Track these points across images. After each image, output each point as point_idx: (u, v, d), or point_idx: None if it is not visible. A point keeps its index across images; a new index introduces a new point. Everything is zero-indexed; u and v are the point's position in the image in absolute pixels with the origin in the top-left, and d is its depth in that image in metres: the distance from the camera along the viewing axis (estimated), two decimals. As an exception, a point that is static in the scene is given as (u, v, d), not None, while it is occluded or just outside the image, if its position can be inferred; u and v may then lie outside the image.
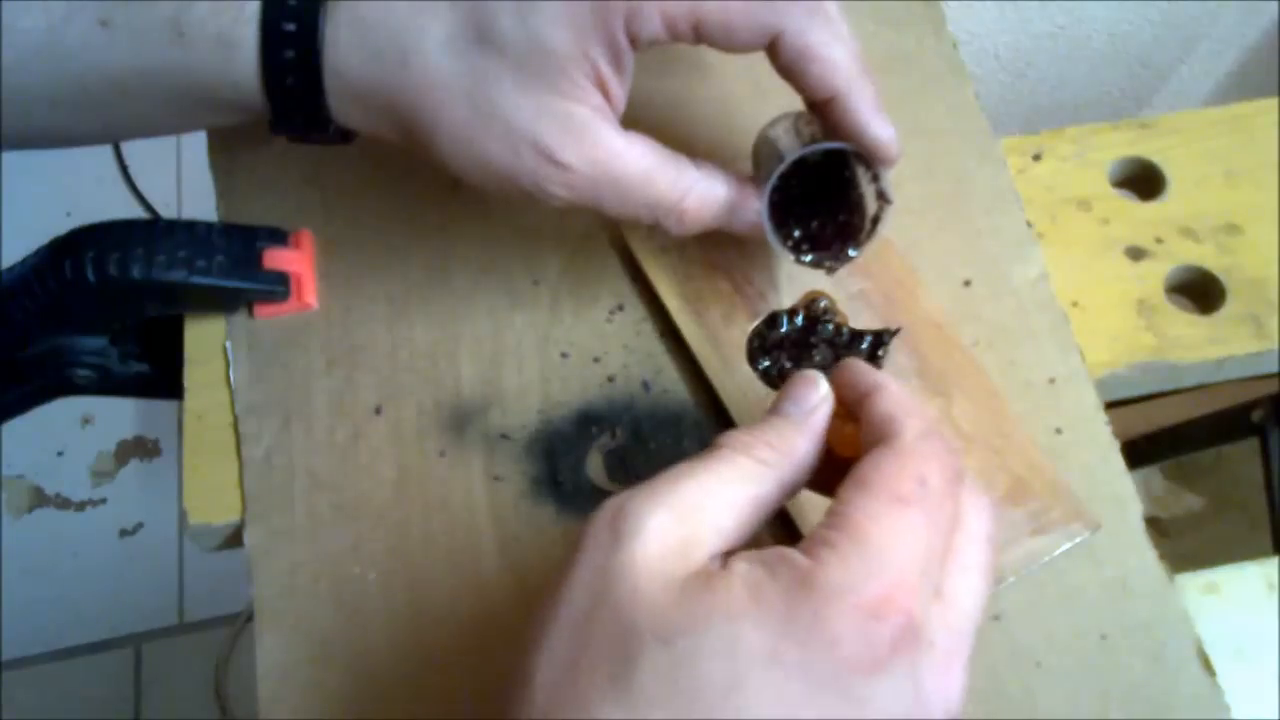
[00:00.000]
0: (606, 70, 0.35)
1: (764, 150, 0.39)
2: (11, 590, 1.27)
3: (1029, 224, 0.45)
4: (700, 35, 0.35)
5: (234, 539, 0.41)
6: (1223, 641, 0.40)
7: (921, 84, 0.49)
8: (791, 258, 0.39)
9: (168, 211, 1.49)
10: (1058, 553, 0.38)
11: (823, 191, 0.40)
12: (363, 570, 0.39)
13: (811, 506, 0.37)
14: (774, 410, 0.31)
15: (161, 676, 1.25)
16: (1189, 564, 0.42)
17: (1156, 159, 0.48)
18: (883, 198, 0.38)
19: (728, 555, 0.27)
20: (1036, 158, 0.49)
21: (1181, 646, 0.37)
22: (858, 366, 0.32)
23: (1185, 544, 0.94)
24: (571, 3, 0.34)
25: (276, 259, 0.44)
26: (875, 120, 0.36)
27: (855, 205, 0.40)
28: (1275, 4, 1.03)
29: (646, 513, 0.27)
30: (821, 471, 0.31)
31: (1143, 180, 0.49)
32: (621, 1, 0.33)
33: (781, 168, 0.36)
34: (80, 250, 0.40)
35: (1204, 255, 0.46)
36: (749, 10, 0.34)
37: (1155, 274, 0.46)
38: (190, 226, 0.42)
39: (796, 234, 0.39)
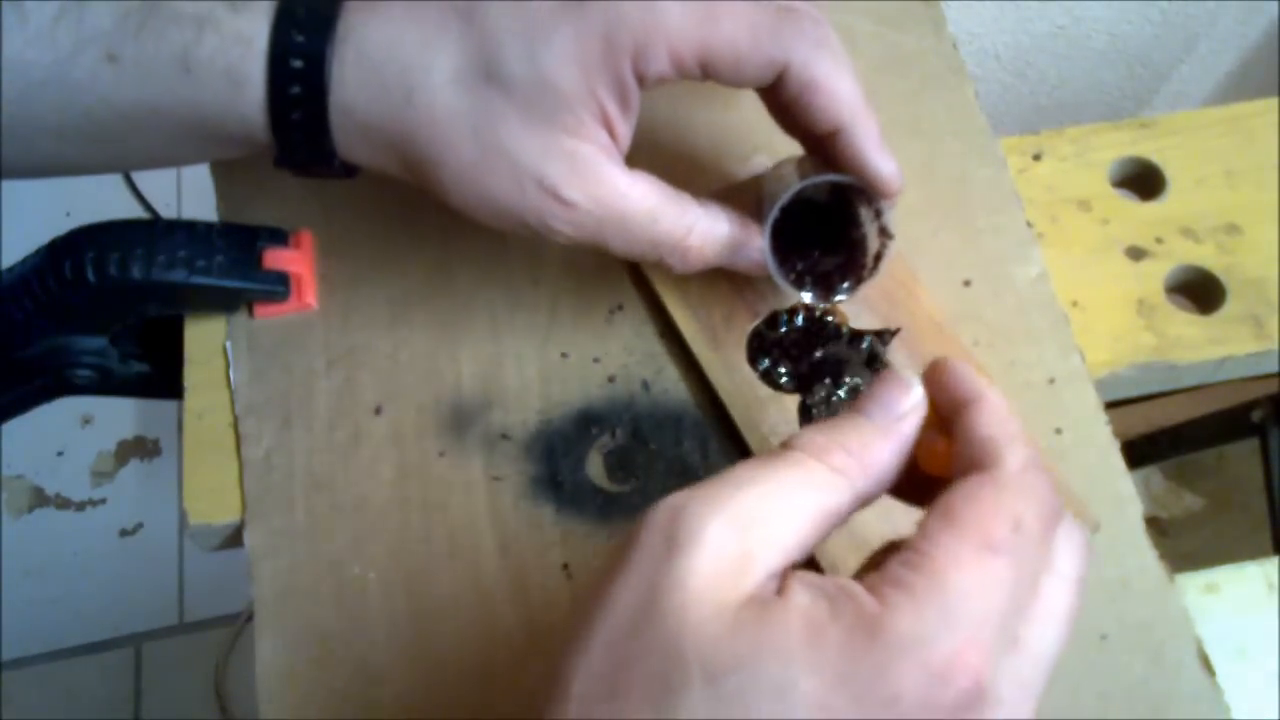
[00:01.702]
0: (613, 108, 0.35)
1: (768, 189, 0.39)
2: (11, 590, 1.27)
3: (1029, 224, 0.45)
4: (708, 72, 0.34)
5: (234, 539, 0.41)
6: (1223, 641, 0.40)
7: (921, 84, 0.49)
8: (794, 293, 0.39)
9: (168, 211, 1.50)
10: (1058, 553, 0.38)
11: (825, 232, 0.40)
12: (363, 570, 0.39)
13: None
14: (858, 410, 0.28)
15: (161, 676, 1.25)
16: (1189, 564, 0.42)
17: (1156, 159, 0.48)
18: (885, 233, 0.38)
19: (788, 572, 0.25)
20: (1036, 158, 0.49)
21: (1181, 646, 0.37)
22: (958, 369, 0.28)
23: (1185, 544, 0.94)
24: (579, 41, 0.33)
25: (276, 259, 0.44)
26: (878, 153, 0.36)
27: (858, 243, 0.40)
28: (1275, 4, 1.03)
29: (705, 522, 0.25)
30: (904, 486, 0.28)
31: (1143, 180, 0.49)
32: (629, 40, 0.33)
33: (784, 199, 0.36)
34: (80, 250, 0.40)
35: (1204, 255, 0.46)
36: (756, 45, 0.34)
37: (1155, 274, 0.46)
38: (190, 226, 0.42)
39: (799, 266, 0.40)
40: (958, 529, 0.24)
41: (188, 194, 1.51)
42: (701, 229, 0.37)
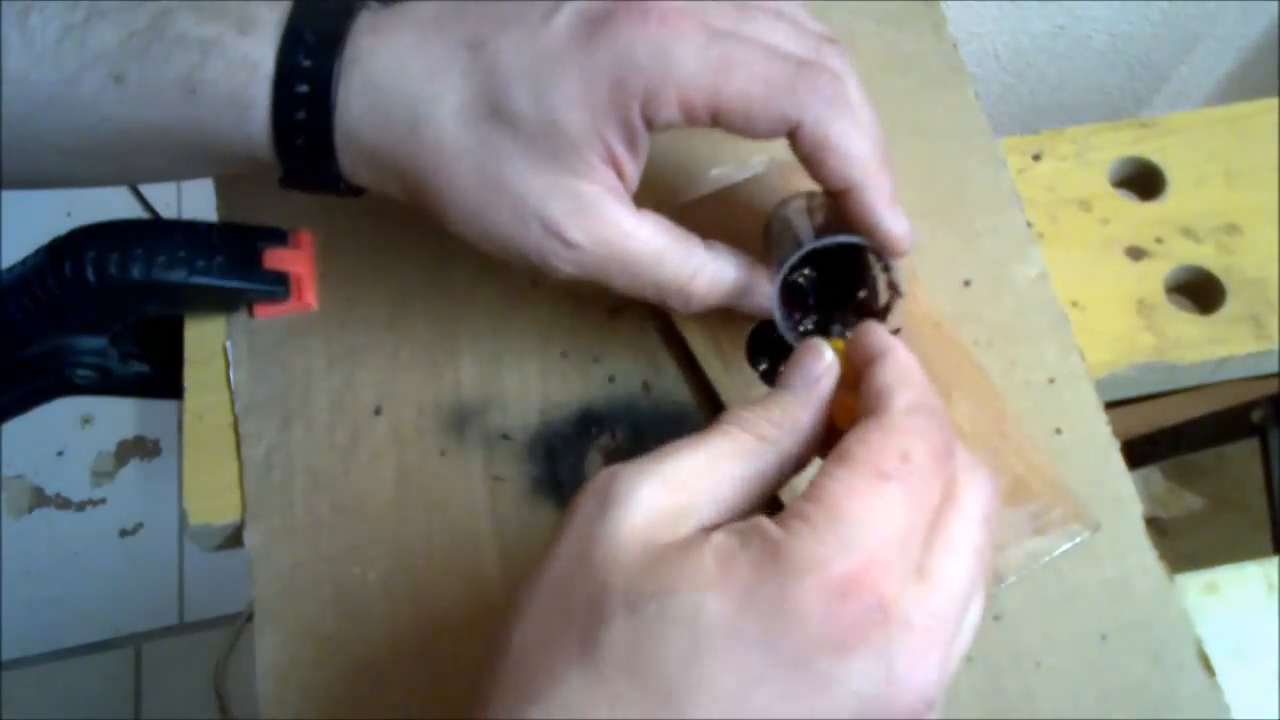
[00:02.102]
0: (620, 151, 0.34)
1: (775, 230, 0.39)
2: (11, 590, 1.27)
3: (1029, 224, 0.45)
4: (718, 122, 0.34)
5: (234, 539, 0.41)
6: (1223, 641, 0.40)
7: (921, 84, 0.49)
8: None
9: (168, 211, 1.49)
10: (1058, 553, 0.38)
11: (835, 275, 0.39)
12: (363, 570, 0.39)
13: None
14: (781, 382, 0.31)
15: (161, 676, 1.25)
16: (1189, 564, 0.42)
17: (1156, 159, 0.48)
18: (894, 289, 0.38)
19: (717, 526, 0.27)
20: (1036, 158, 0.49)
21: (1181, 646, 0.37)
22: (870, 331, 0.31)
23: (1185, 544, 0.94)
24: (587, 84, 0.33)
25: (276, 259, 0.44)
26: (888, 214, 0.35)
27: (868, 289, 0.39)
28: (1275, 4, 1.03)
29: (638, 483, 0.27)
30: (827, 445, 0.30)
31: (1143, 180, 0.49)
32: (639, 84, 0.33)
33: (793, 259, 0.36)
34: (80, 250, 0.40)
35: (1204, 255, 0.46)
36: (769, 99, 0.33)
37: (1155, 274, 0.46)
38: (190, 226, 0.42)
39: (806, 324, 0.39)
40: (849, 464, 0.26)
41: (188, 194, 1.51)
42: (708, 273, 0.37)
